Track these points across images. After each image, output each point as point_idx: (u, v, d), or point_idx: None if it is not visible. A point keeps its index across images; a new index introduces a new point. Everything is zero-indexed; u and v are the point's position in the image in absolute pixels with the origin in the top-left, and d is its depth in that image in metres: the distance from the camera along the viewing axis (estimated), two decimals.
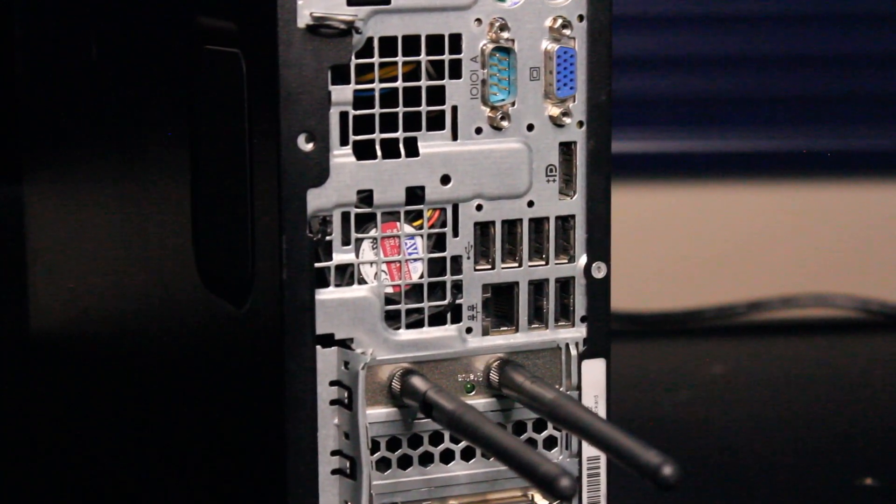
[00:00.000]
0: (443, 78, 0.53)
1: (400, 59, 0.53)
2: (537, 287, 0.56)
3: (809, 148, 1.15)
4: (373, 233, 0.53)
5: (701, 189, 1.18)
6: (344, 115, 0.52)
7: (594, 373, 0.58)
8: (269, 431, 0.55)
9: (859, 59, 1.16)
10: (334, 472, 0.54)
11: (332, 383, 0.53)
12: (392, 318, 0.54)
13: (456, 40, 0.53)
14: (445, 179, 0.54)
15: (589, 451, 0.58)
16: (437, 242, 0.54)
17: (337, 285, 0.53)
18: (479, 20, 0.54)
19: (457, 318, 0.55)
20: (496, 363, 0.55)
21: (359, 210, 0.53)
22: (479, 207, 0.54)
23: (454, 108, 0.53)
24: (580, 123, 0.56)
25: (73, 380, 0.78)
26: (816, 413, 0.95)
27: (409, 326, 0.54)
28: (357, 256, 0.53)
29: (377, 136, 0.53)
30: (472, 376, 0.55)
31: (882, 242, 1.18)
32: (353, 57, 0.52)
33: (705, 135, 1.17)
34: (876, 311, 1.12)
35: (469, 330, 0.55)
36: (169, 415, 0.66)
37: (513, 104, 0.54)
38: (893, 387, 1.01)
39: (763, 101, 1.15)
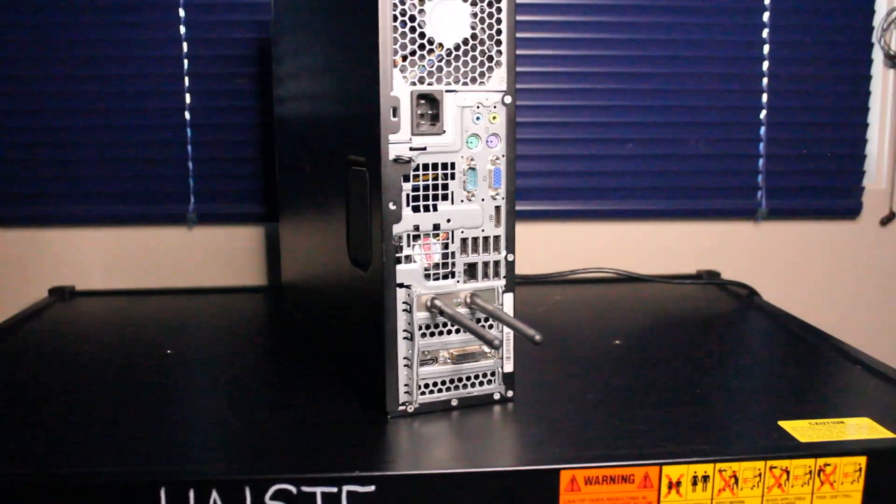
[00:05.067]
0: (447, 179, 0.92)
1: (430, 172, 0.90)
2: (485, 263, 0.93)
3: None
4: (420, 241, 0.90)
5: None
6: (407, 195, 0.90)
7: (508, 300, 0.94)
8: (377, 329, 0.91)
9: None
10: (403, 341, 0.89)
11: (403, 305, 0.90)
12: (427, 277, 0.90)
13: (452, 166, 0.93)
14: (448, 222, 0.91)
15: (506, 330, 0.94)
16: (445, 245, 0.90)
17: (406, 263, 0.89)
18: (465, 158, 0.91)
19: (454, 276, 0.92)
20: (469, 295, 0.92)
21: (413, 233, 0.90)
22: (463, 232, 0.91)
23: (453, 193, 0.92)
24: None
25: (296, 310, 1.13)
26: None
27: (433, 279, 0.90)
28: (413, 251, 0.90)
29: (421, 203, 0.90)
30: (458, 300, 0.92)
31: None
32: (411, 171, 0.89)
33: None
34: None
35: (458, 281, 0.92)
36: (334, 331, 1.02)
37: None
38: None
39: None
